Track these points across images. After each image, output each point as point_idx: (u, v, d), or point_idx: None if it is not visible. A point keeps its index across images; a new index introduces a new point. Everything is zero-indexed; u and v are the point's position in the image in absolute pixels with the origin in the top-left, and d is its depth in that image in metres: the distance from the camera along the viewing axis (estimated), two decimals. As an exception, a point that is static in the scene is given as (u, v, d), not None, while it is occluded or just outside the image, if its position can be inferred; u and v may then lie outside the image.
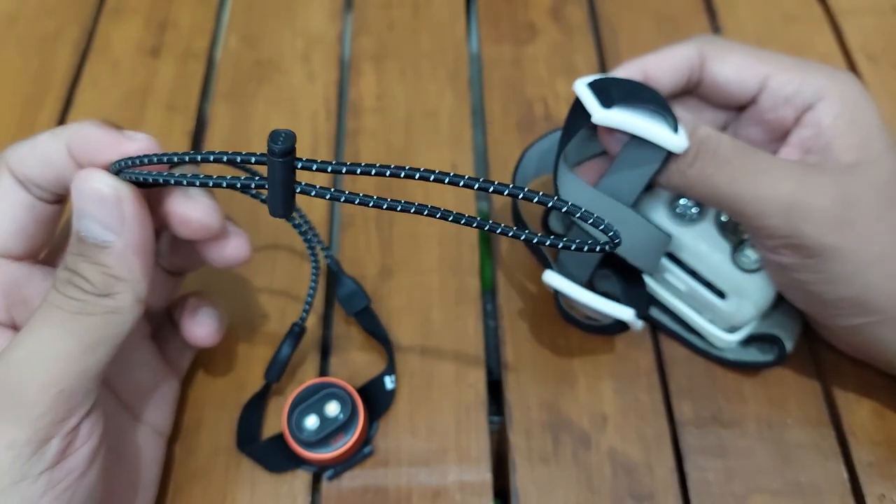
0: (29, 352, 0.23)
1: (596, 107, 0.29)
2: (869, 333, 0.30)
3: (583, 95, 0.30)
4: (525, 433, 0.33)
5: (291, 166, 0.21)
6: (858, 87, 0.30)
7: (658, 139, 0.29)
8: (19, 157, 0.26)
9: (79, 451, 0.24)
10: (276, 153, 0.21)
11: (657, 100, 0.30)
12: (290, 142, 0.21)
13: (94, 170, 0.25)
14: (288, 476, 0.32)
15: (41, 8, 0.49)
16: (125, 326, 0.25)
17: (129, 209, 0.24)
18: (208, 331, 0.31)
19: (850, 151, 0.29)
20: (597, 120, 0.29)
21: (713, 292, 0.33)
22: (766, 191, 0.28)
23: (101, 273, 0.24)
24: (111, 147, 0.25)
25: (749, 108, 0.32)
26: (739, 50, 0.32)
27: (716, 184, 0.29)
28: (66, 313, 0.24)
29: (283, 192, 0.22)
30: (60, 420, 0.23)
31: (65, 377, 0.23)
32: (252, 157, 0.21)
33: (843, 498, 0.32)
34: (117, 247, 0.24)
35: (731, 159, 0.29)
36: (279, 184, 0.21)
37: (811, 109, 0.30)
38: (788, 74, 0.31)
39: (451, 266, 0.38)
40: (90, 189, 0.24)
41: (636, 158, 0.30)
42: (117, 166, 0.25)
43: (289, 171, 0.21)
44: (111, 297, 0.24)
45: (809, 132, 0.30)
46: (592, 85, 0.30)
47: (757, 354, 0.35)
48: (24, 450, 0.22)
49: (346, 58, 0.47)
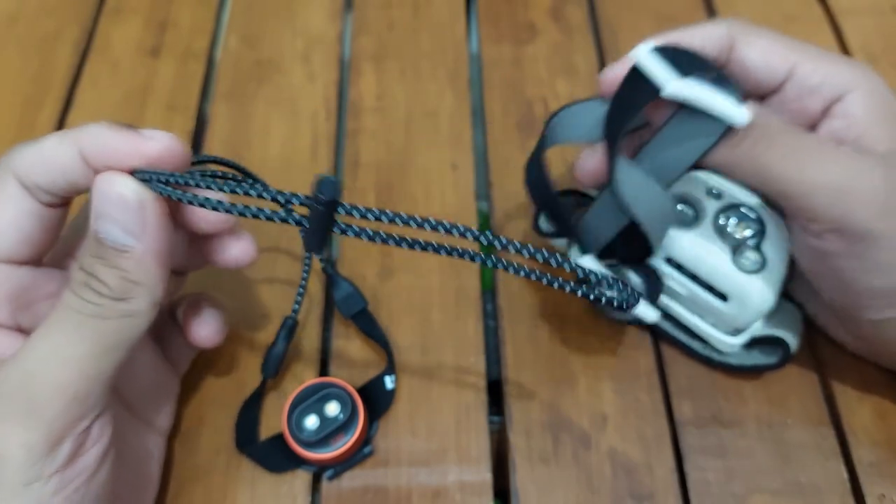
0: (44, 355, 0.23)
1: (669, 77, 0.27)
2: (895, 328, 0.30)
3: (649, 65, 0.27)
4: (525, 433, 0.33)
5: (332, 214, 0.22)
6: (882, 80, 0.30)
7: (725, 113, 0.27)
8: (27, 165, 0.25)
9: (89, 452, 0.24)
10: (321, 203, 0.22)
11: (718, 70, 0.28)
12: (337, 194, 0.22)
13: (117, 173, 0.25)
14: (288, 476, 0.32)
15: (41, 8, 0.49)
16: (139, 330, 0.25)
17: (151, 215, 0.24)
18: (212, 330, 0.31)
19: (883, 142, 0.29)
20: (670, 92, 0.27)
21: (714, 295, 0.33)
22: (816, 173, 0.27)
23: (120, 277, 0.24)
24: (131, 150, 0.25)
25: (772, 97, 0.31)
26: (768, 35, 0.31)
27: (764, 163, 0.28)
28: (82, 316, 0.24)
29: (322, 233, 0.23)
30: (73, 422, 0.23)
31: (79, 380, 0.23)
32: (296, 200, 0.22)
33: (843, 498, 0.32)
34: (137, 252, 0.24)
35: (781, 139, 0.28)
36: (320, 227, 0.23)
37: (840, 101, 0.30)
38: (815, 63, 0.30)
39: (451, 266, 0.38)
40: (114, 193, 0.24)
41: (687, 132, 0.28)
42: (142, 176, 0.25)
43: (330, 218, 0.23)
44: (127, 302, 0.24)
45: (840, 123, 0.29)
46: (658, 52, 0.28)
47: (760, 357, 0.34)
48: (37, 451, 0.22)
49: (346, 58, 0.47)
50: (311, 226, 0.22)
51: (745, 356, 0.34)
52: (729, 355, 0.34)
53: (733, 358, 0.34)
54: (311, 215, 0.22)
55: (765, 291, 0.31)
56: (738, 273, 0.32)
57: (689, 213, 0.33)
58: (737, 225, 0.32)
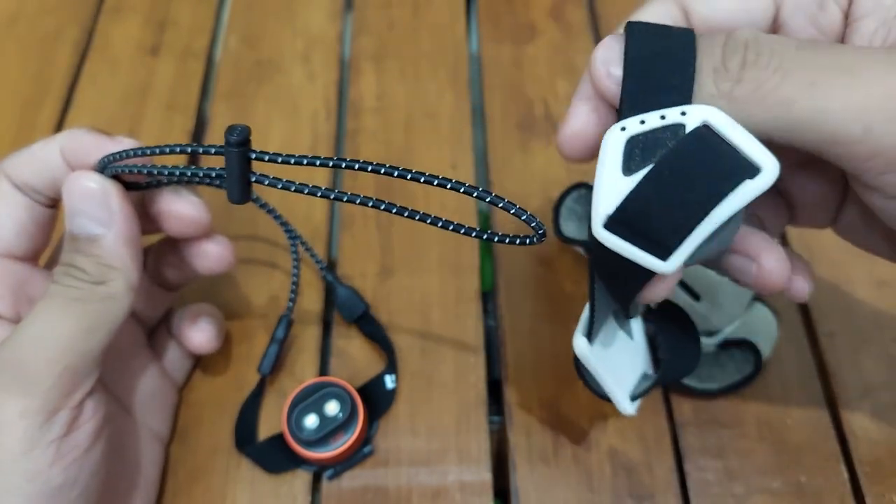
0: (34, 333, 0.25)
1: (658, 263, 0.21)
2: None
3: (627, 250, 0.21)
4: (525, 433, 0.33)
5: (246, 156, 0.24)
6: None
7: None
8: (16, 164, 0.28)
9: (84, 427, 0.25)
10: (231, 143, 0.23)
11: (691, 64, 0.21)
12: (245, 134, 0.23)
13: (81, 171, 0.27)
14: (288, 476, 0.32)
15: (41, 8, 0.49)
16: (120, 312, 0.26)
17: (115, 202, 0.26)
18: (208, 337, 0.33)
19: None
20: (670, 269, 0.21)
21: (688, 293, 0.32)
22: (865, 93, 0.20)
23: (95, 263, 0.26)
24: (98, 149, 0.27)
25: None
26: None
27: (784, 98, 0.20)
28: (66, 300, 0.25)
29: (240, 180, 0.24)
30: (67, 394, 0.25)
31: (68, 355, 0.25)
32: (212, 149, 0.24)
33: (843, 498, 0.32)
34: (108, 238, 0.26)
35: (800, 60, 0.20)
36: (236, 172, 0.24)
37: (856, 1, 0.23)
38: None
39: (451, 266, 0.38)
40: (79, 187, 0.26)
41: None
42: (101, 164, 0.27)
43: (244, 161, 0.24)
44: (106, 285, 0.26)
45: (872, 23, 0.22)
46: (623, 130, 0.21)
47: (734, 373, 0.34)
48: (35, 419, 0.24)
49: (346, 58, 0.47)
50: (228, 173, 0.24)
51: (721, 375, 0.34)
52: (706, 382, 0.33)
53: (712, 383, 0.33)
54: (226, 163, 0.24)
55: (736, 292, 0.31)
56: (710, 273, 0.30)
57: None
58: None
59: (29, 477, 0.24)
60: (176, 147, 0.25)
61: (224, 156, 0.24)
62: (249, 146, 0.24)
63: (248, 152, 0.23)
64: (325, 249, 0.39)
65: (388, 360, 0.35)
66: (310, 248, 0.36)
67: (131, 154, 0.26)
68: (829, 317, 0.36)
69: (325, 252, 0.39)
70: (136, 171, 0.26)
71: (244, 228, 0.39)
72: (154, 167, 0.26)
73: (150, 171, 0.26)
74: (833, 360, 0.35)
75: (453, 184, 0.23)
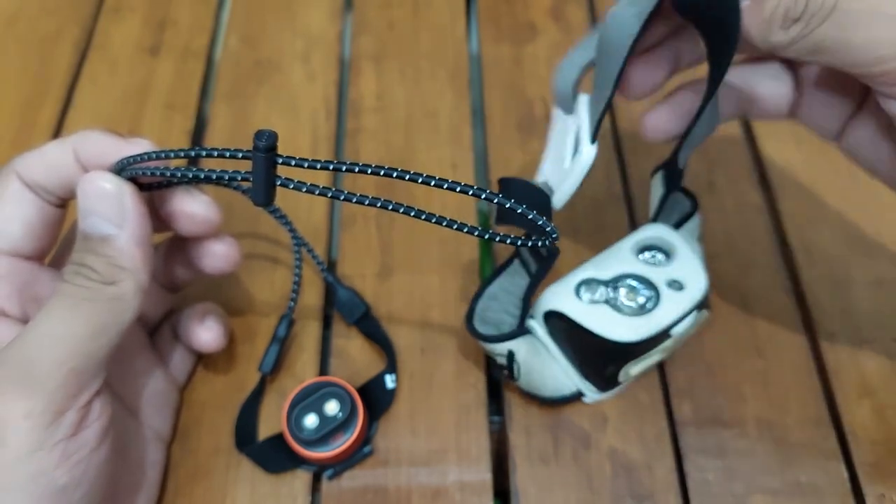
0: (42, 333, 0.25)
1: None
2: None
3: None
4: (525, 433, 0.33)
5: (273, 161, 0.24)
6: None
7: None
8: (28, 164, 0.28)
9: (91, 427, 0.25)
10: (259, 149, 0.23)
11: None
12: (273, 140, 0.23)
13: (97, 171, 0.27)
14: (288, 476, 0.32)
15: (41, 8, 0.49)
16: (129, 314, 0.26)
17: (129, 203, 0.26)
18: (215, 335, 0.33)
19: None
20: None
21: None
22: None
23: (106, 263, 0.26)
24: (114, 150, 0.27)
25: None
26: None
27: (844, 39, 0.23)
28: (75, 300, 0.25)
29: (265, 183, 0.24)
30: (73, 395, 0.25)
31: (75, 356, 0.25)
32: (239, 153, 0.24)
33: (843, 498, 0.32)
34: (120, 238, 0.26)
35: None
36: (262, 176, 0.24)
37: None
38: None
39: (451, 266, 0.38)
40: (94, 187, 0.26)
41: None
42: (119, 165, 0.27)
43: (270, 165, 0.24)
44: (115, 285, 0.26)
45: None
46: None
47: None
48: (41, 419, 0.24)
49: (346, 58, 0.47)
50: (255, 176, 0.24)
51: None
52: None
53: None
54: (253, 166, 0.24)
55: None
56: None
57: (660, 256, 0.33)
58: (627, 294, 0.31)
59: (34, 477, 0.24)
60: (202, 151, 0.25)
61: (251, 160, 0.24)
62: (276, 151, 0.24)
63: (276, 157, 0.24)
64: (325, 249, 0.39)
65: (388, 360, 0.35)
66: (316, 256, 0.36)
67: (153, 157, 0.26)
68: (829, 317, 0.36)
69: (325, 252, 0.39)
70: (157, 173, 0.26)
71: (245, 227, 0.39)
72: (177, 169, 0.26)
73: (174, 173, 0.26)
74: (833, 360, 0.35)
75: (475, 190, 0.23)
